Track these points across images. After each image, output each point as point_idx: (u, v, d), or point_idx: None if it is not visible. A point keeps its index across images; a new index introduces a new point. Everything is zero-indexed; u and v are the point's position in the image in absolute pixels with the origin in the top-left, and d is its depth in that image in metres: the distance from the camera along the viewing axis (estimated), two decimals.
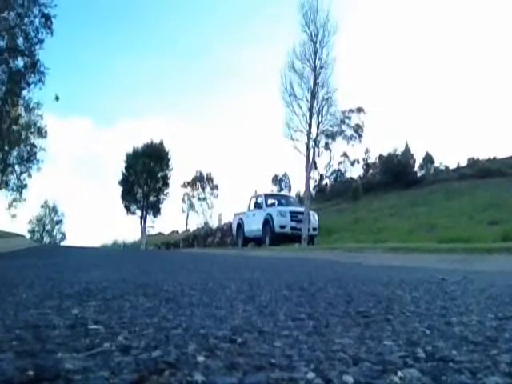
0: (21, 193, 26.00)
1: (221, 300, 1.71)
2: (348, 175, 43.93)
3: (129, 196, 34.99)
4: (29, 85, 18.99)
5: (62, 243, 48.03)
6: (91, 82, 73.64)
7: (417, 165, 40.07)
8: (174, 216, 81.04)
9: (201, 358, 0.84)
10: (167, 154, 35.92)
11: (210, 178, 49.13)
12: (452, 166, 38.31)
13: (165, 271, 3.56)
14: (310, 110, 15.47)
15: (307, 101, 15.53)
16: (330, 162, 43.67)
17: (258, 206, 15.87)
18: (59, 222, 53.92)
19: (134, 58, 74.91)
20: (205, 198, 48.23)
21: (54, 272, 3.15)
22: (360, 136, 41.88)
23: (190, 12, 76.16)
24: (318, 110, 15.60)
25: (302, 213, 14.65)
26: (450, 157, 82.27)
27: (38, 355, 0.83)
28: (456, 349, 0.99)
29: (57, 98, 19.50)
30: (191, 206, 47.81)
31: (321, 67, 15.50)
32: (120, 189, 35.26)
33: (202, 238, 27.42)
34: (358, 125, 41.67)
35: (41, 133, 25.69)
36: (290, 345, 0.98)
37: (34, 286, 2.06)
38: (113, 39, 73.76)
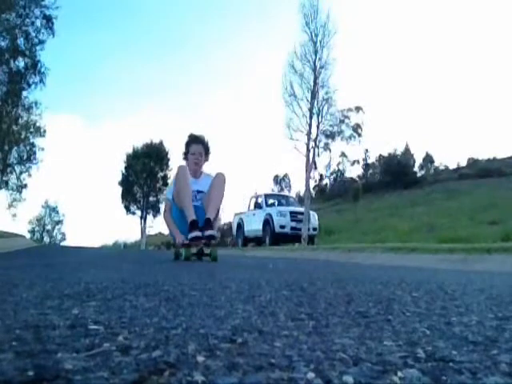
0: (21, 192, 26.03)
1: (221, 300, 1.70)
2: (348, 175, 43.95)
3: (129, 196, 34.98)
4: (29, 85, 19.02)
5: (62, 243, 48.03)
6: (86, 80, 73.65)
7: (417, 165, 40.17)
8: None
9: (201, 358, 0.84)
10: (167, 153, 35.91)
11: None
12: (452, 166, 38.44)
13: (165, 271, 3.56)
14: (310, 110, 15.51)
15: (307, 101, 15.60)
16: (330, 162, 43.68)
17: (257, 205, 15.91)
18: (59, 222, 53.96)
19: (133, 57, 74.83)
20: None
21: (54, 272, 3.15)
22: (360, 136, 41.88)
23: (190, 11, 76.10)
24: (318, 110, 15.66)
25: (301, 213, 14.67)
26: (449, 157, 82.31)
27: (38, 355, 0.83)
28: (456, 349, 0.99)
29: None
30: None
31: (321, 67, 15.56)
32: (120, 189, 35.27)
33: None
34: (357, 124, 41.66)
35: (40, 132, 25.69)
36: (289, 345, 0.98)
37: (33, 286, 2.05)
38: (111, 38, 73.72)
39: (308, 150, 15.60)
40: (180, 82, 78.01)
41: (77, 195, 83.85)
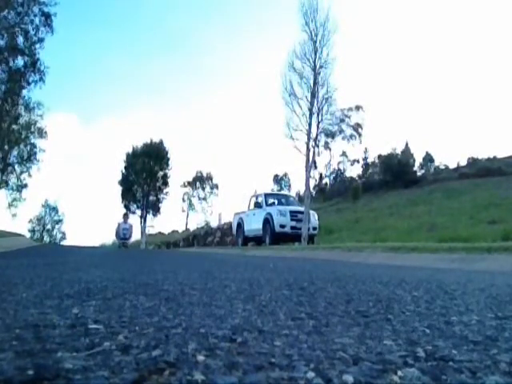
0: (21, 192, 26.03)
1: (221, 299, 1.70)
2: (348, 174, 43.96)
3: (129, 195, 34.94)
4: (29, 84, 18.99)
5: (62, 243, 48.01)
6: (83, 79, 73.48)
7: (417, 164, 40.13)
8: (173, 215, 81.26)
9: (201, 358, 0.84)
10: (167, 153, 35.86)
11: (210, 178, 49.11)
12: (452, 165, 38.35)
13: (165, 270, 3.56)
14: (310, 110, 15.46)
15: (307, 100, 15.53)
16: (330, 161, 43.68)
17: (257, 205, 15.86)
18: (59, 221, 53.90)
19: (132, 56, 74.86)
20: (205, 198, 48.24)
21: (54, 271, 3.15)
22: (360, 135, 41.87)
23: (190, 11, 76.13)
24: (318, 109, 15.59)
25: (301, 212, 14.64)
26: (449, 156, 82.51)
27: (38, 355, 0.83)
28: (456, 348, 0.99)
29: None
30: (191, 206, 47.80)
31: (321, 66, 15.49)
32: (120, 188, 35.24)
33: (202, 237, 27.41)
34: (357, 123, 41.63)
35: (41, 133, 25.68)
36: (289, 344, 0.98)
37: (33, 286, 2.06)
38: (109, 36, 73.64)
39: (308, 150, 15.56)
40: (180, 82, 77.94)
41: (76, 194, 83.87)
